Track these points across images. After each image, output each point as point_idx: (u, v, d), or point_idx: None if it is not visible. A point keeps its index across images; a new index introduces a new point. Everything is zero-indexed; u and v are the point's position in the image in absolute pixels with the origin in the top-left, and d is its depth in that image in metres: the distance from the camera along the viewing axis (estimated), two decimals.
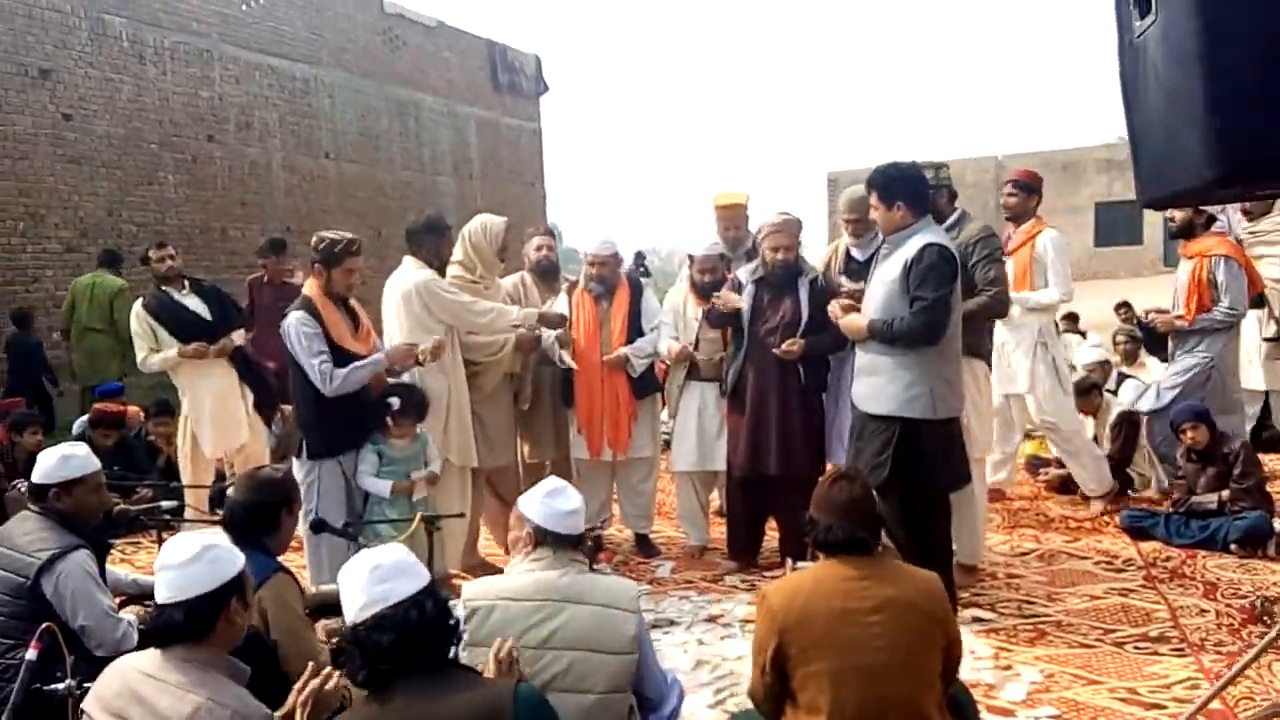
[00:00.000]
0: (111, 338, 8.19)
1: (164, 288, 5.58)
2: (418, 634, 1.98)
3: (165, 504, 3.81)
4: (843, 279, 4.70)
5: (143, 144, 11.81)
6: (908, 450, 3.71)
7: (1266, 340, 6.14)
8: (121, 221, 11.58)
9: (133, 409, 6.71)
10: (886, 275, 3.82)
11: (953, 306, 3.76)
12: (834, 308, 4.07)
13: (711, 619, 4.19)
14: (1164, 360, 7.88)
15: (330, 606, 3.37)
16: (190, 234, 12.39)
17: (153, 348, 5.40)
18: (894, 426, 3.74)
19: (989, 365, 4.68)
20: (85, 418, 6.62)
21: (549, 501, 2.65)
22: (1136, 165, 2.65)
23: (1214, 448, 5.17)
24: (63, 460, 3.14)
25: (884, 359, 3.80)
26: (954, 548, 4.06)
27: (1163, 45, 2.34)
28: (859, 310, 3.96)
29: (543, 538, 2.63)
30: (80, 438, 5.65)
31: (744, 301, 4.67)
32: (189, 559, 2.13)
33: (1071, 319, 9.81)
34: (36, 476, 3.15)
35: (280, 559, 3.01)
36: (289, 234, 13.28)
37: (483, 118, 18.21)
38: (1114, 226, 27.96)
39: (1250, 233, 6.13)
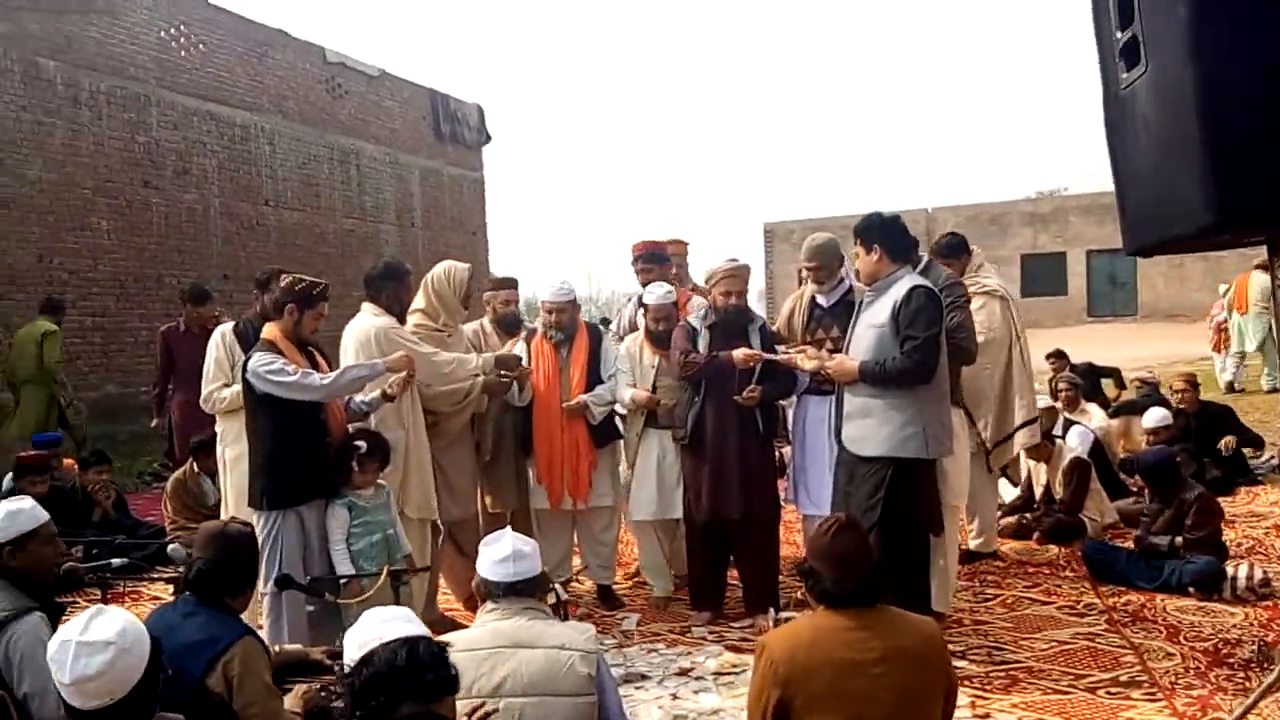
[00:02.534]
0: (43, 385, 8.31)
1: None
2: (404, 670, 1.93)
3: (115, 561, 3.60)
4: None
5: (75, 189, 11.46)
6: (898, 491, 3.74)
7: None
8: (52, 268, 11.18)
9: (68, 461, 6.41)
10: (874, 319, 3.89)
11: (942, 346, 3.85)
12: (821, 353, 4.13)
13: (683, 672, 4.11)
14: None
15: (293, 668, 3.23)
16: (124, 281, 12.02)
17: (226, 382, 4.73)
18: (887, 467, 3.78)
19: (965, 411, 4.72)
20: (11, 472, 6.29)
21: (484, 552, 2.69)
22: (1122, 213, 2.71)
23: (1173, 493, 5.27)
24: (11, 515, 2.94)
25: (876, 401, 3.85)
26: None
27: (1154, 94, 2.41)
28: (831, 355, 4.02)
29: (488, 590, 2.65)
30: (12, 492, 5.35)
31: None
32: (114, 657, 1.98)
33: None
34: None
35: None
36: (225, 281, 13.03)
37: (425, 167, 18.12)
38: (1040, 277, 28.90)
39: None
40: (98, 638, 1.99)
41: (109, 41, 11.95)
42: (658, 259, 5.52)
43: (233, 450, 4.73)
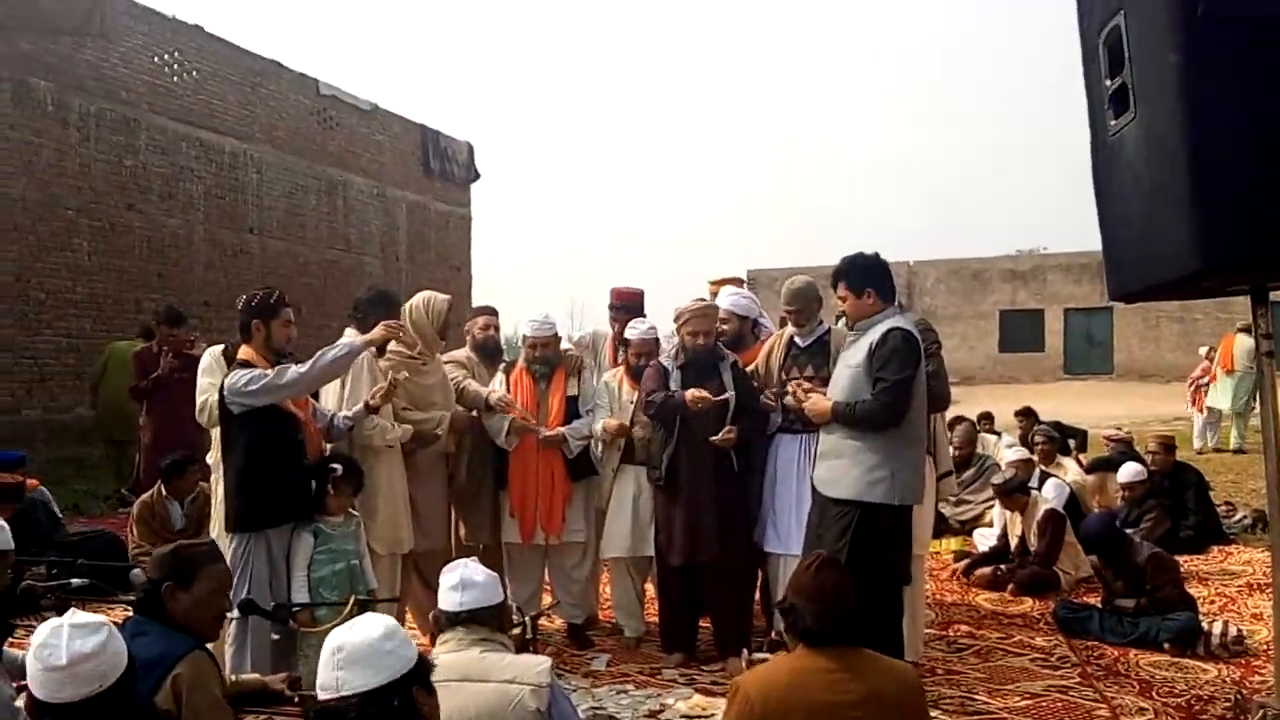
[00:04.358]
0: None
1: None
2: None
3: (74, 582, 3.51)
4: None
5: (59, 209, 11.41)
6: (865, 536, 3.69)
7: None
8: (29, 287, 11.09)
9: (32, 480, 6.30)
10: (852, 360, 3.87)
11: (914, 390, 3.81)
12: (797, 391, 4.09)
13: (652, 714, 4.04)
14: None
15: (250, 698, 3.14)
16: (102, 303, 11.93)
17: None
18: (855, 511, 3.73)
19: (933, 458, 4.71)
20: None
21: (441, 582, 2.63)
22: (1107, 258, 2.72)
23: (1122, 559, 5.29)
24: None
25: (847, 442, 3.81)
26: None
27: (1142, 141, 2.43)
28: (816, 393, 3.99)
29: (442, 620, 2.61)
30: None
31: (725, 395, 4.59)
32: (107, 637, 1.97)
33: (988, 419, 10.06)
34: None
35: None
36: (206, 307, 12.96)
37: (413, 201, 18.17)
38: (1017, 333, 29.20)
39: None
40: (89, 621, 1.98)
41: (102, 65, 11.98)
42: (631, 309, 5.52)
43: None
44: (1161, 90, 2.34)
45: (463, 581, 2.61)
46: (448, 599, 2.61)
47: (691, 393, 4.54)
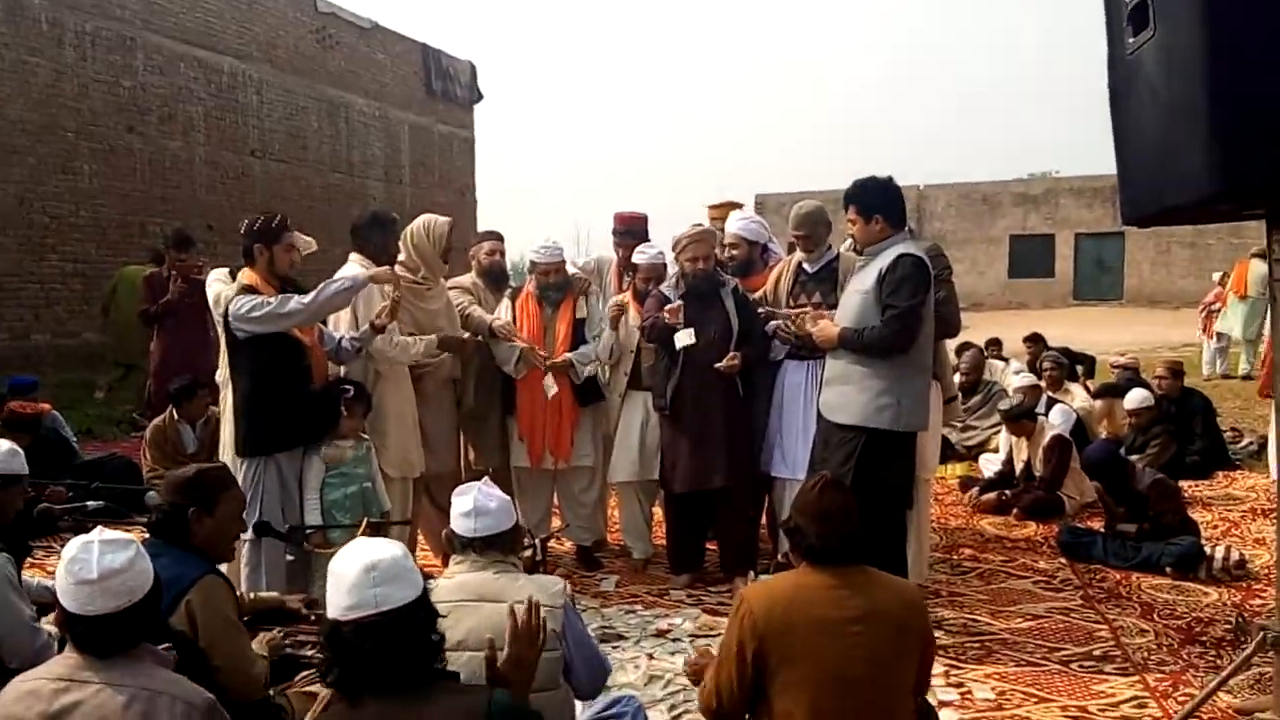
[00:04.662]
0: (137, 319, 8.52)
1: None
2: (402, 646, 1.88)
3: (90, 504, 3.55)
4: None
5: (58, 131, 11.25)
6: (869, 461, 3.71)
7: None
8: (33, 211, 11.00)
9: (45, 405, 6.33)
10: (861, 285, 3.84)
11: (924, 317, 3.79)
12: (805, 317, 4.06)
13: (660, 633, 4.12)
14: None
15: (267, 615, 3.20)
16: (106, 227, 11.85)
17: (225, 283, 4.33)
18: (860, 436, 3.74)
19: (939, 383, 4.70)
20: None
21: (454, 504, 2.64)
22: (1122, 181, 2.66)
23: (1124, 486, 5.31)
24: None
25: (855, 368, 3.81)
26: None
27: (1161, 59, 2.35)
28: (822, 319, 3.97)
29: (456, 543, 2.61)
30: None
31: (684, 338, 4.58)
32: (136, 553, 1.99)
33: (996, 344, 10.04)
34: None
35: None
36: (210, 231, 12.86)
37: (415, 123, 17.91)
38: (1028, 258, 28.94)
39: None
40: (118, 538, 2.01)
41: None
42: (635, 234, 5.46)
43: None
44: (1183, 6, 2.25)
45: (476, 509, 2.60)
46: (461, 525, 2.61)
47: (667, 309, 4.57)
